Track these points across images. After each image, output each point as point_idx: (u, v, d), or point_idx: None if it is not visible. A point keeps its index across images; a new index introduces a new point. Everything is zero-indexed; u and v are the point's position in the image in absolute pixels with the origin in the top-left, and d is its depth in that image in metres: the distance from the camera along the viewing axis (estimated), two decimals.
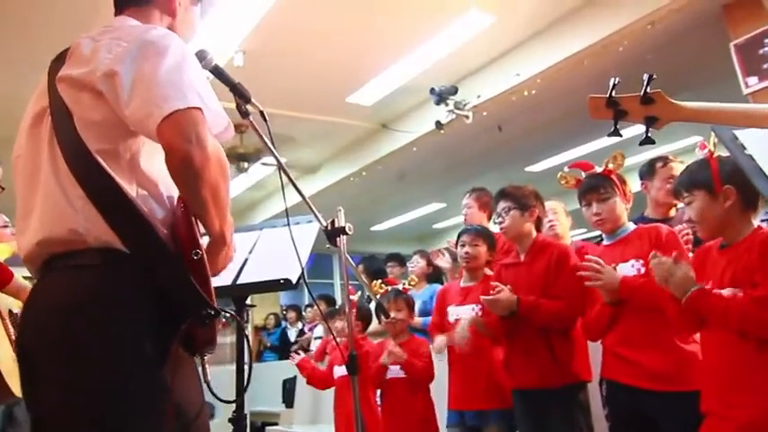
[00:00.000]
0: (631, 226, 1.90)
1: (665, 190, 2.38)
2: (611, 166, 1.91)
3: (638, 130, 1.22)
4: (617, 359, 1.77)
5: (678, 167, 2.41)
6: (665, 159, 2.46)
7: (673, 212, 2.43)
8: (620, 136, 1.21)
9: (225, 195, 0.99)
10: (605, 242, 1.93)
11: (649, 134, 1.20)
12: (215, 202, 0.97)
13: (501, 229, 2.19)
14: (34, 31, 3.83)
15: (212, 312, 0.95)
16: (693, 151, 1.78)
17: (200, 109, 0.94)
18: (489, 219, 3.12)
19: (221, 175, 0.96)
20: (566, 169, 2.05)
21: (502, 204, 2.16)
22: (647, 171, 2.50)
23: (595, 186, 1.89)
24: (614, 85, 1.16)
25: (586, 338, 2.00)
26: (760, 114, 1.22)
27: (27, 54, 3.99)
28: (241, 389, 1.48)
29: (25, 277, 2.27)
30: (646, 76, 1.15)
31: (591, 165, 1.98)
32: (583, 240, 2.92)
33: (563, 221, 2.79)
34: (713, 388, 1.43)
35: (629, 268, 1.78)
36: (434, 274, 3.89)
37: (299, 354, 3.22)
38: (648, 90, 1.15)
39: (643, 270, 1.74)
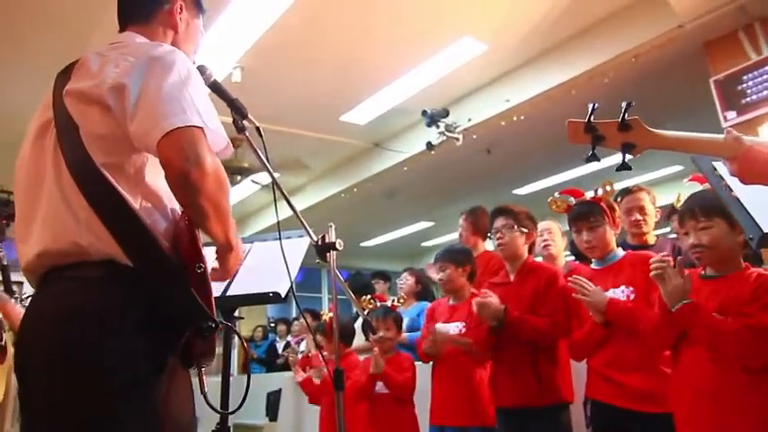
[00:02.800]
0: (620, 252, 1.92)
1: (629, 221, 2.39)
2: (600, 193, 1.92)
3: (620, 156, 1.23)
4: (603, 380, 1.76)
5: (640, 196, 2.41)
6: (624, 191, 2.46)
7: (652, 240, 2.43)
8: (598, 161, 1.19)
9: (226, 206, 0.99)
10: (594, 266, 1.94)
11: (626, 161, 1.20)
12: (216, 213, 0.96)
13: (499, 245, 2.16)
14: (29, 39, 3.81)
15: (213, 325, 0.94)
16: (672, 180, 1.80)
17: (200, 128, 0.94)
18: (484, 239, 3.09)
19: (220, 190, 0.96)
20: (556, 194, 2.05)
21: (502, 221, 2.14)
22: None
23: (585, 214, 1.90)
24: (593, 110, 1.15)
25: (572, 358, 2.00)
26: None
27: (21, 61, 3.99)
28: (227, 401, 1.46)
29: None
30: (624, 103, 1.14)
31: (581, 192, 2.00)
32: (574, 261, 2.91)
33: (558, 242, 2.77)
34: (695, 413, 1.42)
35: (619, 294, 1.78)
36: (423, 292, 3.88)
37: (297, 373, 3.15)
38: (626, 117, 1.15)
39: (633, 297, 1.74)
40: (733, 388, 1.36)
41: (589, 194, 1.97)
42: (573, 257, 3.05)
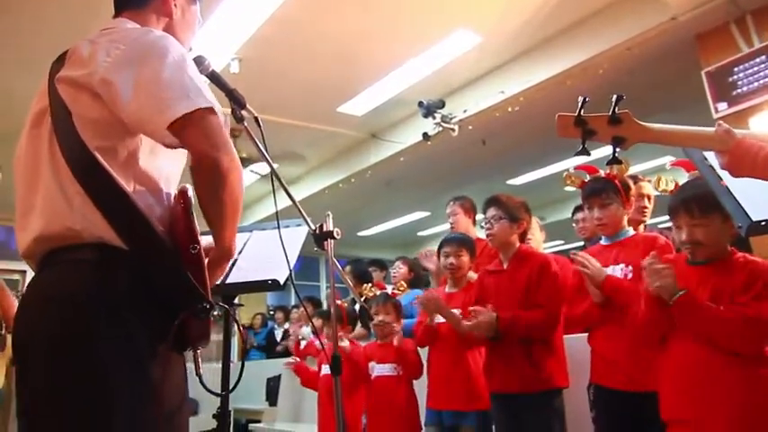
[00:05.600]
0: (630, 231, 1.89)
1: (637, 207, 2.41)
2: (615, 171, 1.89)
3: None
4: (605, 363, 1.76)
5: (646, 186, 2.46)
6: (634, 178, 2.49)
7: (641, 229, 2.46)
8: (589, 155, 1.18)
9: (240, 206, 0.98)
10: (603, 242, 1.92)
11: (617, 154, 1.17)
12: (232, 210, 0.96)
13: (488, 235, 2.17)
14: (30, 28, 3.77)
15: (208, 306, 0.94)
16: (663, 171, 1.80)
17: (212, 109, 0.93)
18: (474, 224, 3.12)
19: (240, 184, 0.96)
20: (571, 169, 2.02)
21: (492, 212, 2.14)
22: None
23: (598, 191, 1.88)
24: (583, 103, 1.13)
25: (570, 330, 1.98)
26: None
27: (23, 51, 3.94)
28: (227, 385, 1.47)
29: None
30: (614, 97, 1.12)
31: (596, 168, 1.96)
32: (555, 253, 2.93)
33: (536, 236, 2.82)
34: (682, 396, 1.42)
35: (617, 271, 1.77)
36: (415, 280, 3.89)
37: (291, 355, 3.18)
38: (617, 110, 1.13)
39: (630, 276, 1.73)
40: (718, 372, 1.36)
41: (603, 173, 1.93)
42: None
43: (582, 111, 1.13)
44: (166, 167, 0.97)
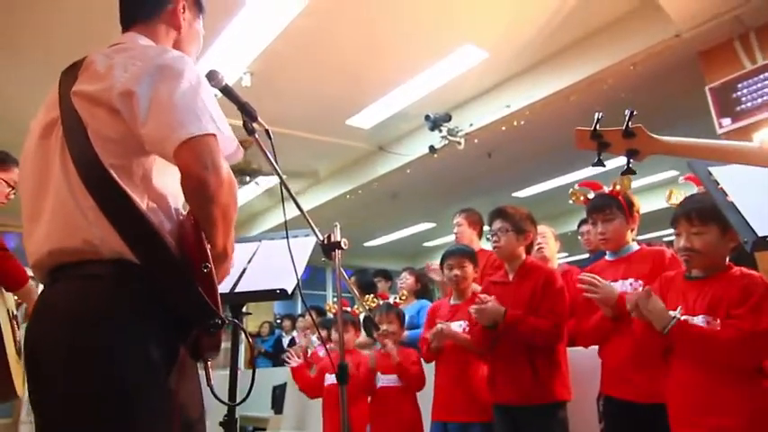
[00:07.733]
0: (635, 246, 1.89)
1: None
2: (618, 187, 1.90)
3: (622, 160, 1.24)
4: (615, 375, 1.74)
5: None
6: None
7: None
8: (604, 166, 1.22)
9: (233, 215, 0.99)
10: (608, 258, 1.92)
11: (630, 165, 1.22)
12: (224, 221, 0.97)
13: (494, 247, 2.16)
14: (25, 36, 3.74)
15: (219, 322, 0.94)
16: (668, 185, 1.79)
17: (214, 135, 0.94)
18: (480, 236, 3.12)
19: (231, 198, 0.96)
20: (576, 186, 2.04)
21: (498, 224, 2.13)
22: None
23: (601, 207, 1.89)
24: (598, 119, 1.18)
25: (580, 345, 1.97)
26: (731, 150, 1.24)
27: (27, 59, 3.95)
28: (234, 393, 1.47)
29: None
30: (628, 112, 1.17)
31: (599, 185, 1.98)
32: (568, 264, 2.91)
33: (551, 245, 2.80)
34: (684, 411, 1.40)
35: (627, 286, 1.76)
36: (422, 290, 3.87)
37: (291, 359, 3.11)
38: (630, 124, 1.17)
39: (640, 290, 1.71)
40: (721, 392, 1.34)
41: (607, 189, 1.95)
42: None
43: (598, 125, 1.17)
44: (172, 183, 0.97)
